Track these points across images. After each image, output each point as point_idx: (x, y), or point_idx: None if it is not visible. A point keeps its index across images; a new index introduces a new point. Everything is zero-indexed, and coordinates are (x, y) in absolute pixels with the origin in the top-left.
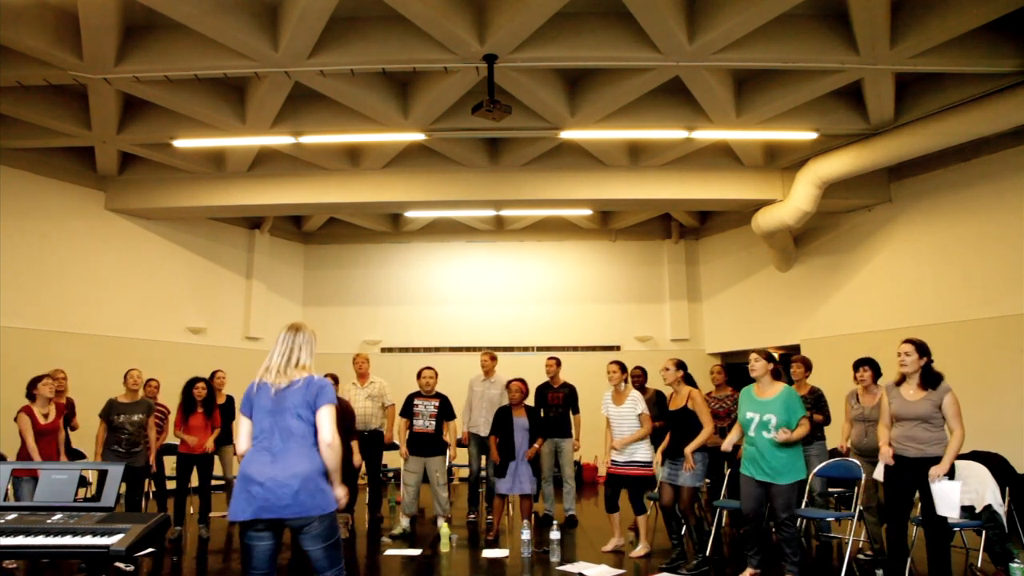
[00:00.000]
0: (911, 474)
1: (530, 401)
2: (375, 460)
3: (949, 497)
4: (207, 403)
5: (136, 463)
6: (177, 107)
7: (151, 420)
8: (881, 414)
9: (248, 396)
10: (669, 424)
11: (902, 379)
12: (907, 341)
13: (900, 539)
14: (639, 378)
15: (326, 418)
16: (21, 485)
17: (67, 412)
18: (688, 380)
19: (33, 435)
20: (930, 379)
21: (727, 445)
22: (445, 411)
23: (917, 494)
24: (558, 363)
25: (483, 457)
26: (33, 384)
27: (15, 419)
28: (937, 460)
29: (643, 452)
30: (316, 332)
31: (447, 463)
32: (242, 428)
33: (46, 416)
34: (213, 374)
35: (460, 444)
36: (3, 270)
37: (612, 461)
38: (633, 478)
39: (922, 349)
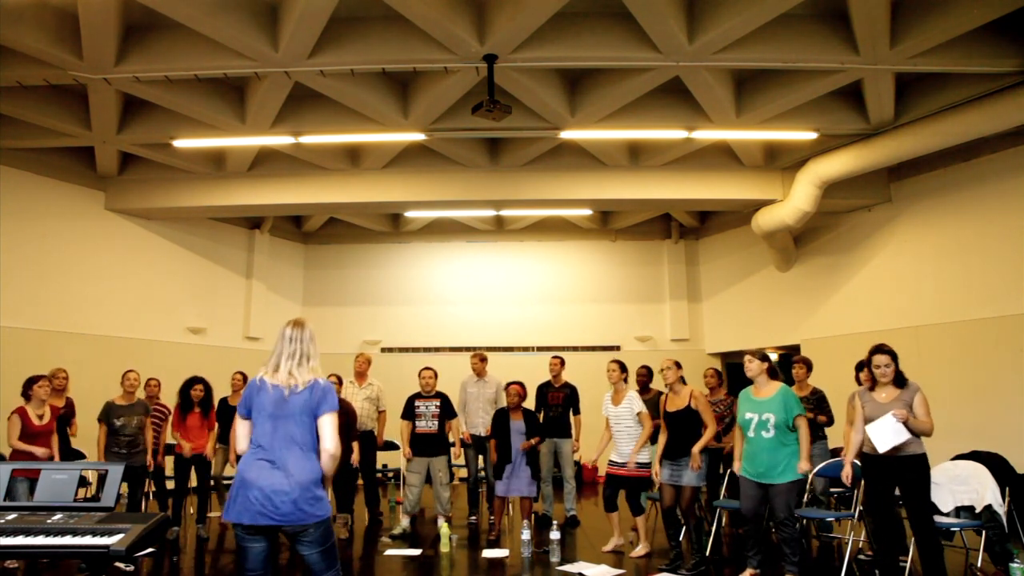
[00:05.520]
0: (891, 472)
1: (530, 401)
2: (370, 461)
3: (884, 431)
4: (204, 404)
5: (136, 463)
6: (177, 107)
7: (148, 420)
8: (856, 418)
9: (247, 396)
10: (669, 425)
11: (873, 385)
12: (882, 352)
13: (888, 537)
14: (644, 378)
15: (329, 426)
16: (16, 485)
17: (65, 412)
18: (681, 381)
19: (21, 437)
20: (900, 380)
21: (735, 450)
22: (447, 410)
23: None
24: (562, 362)
25: (480, 457)
26: (29, 385)
27: (8, 419)
28: (914, 457)
29: (642, 453)
30: (316, 332)
31: (450, 463)
32: (240, 429)
33: (40, 417)
34: (233, 376)
35: (464, 444)
36: (3, 270)
37: (611, 462)
38: (631, 479)
39: (895, 357)
